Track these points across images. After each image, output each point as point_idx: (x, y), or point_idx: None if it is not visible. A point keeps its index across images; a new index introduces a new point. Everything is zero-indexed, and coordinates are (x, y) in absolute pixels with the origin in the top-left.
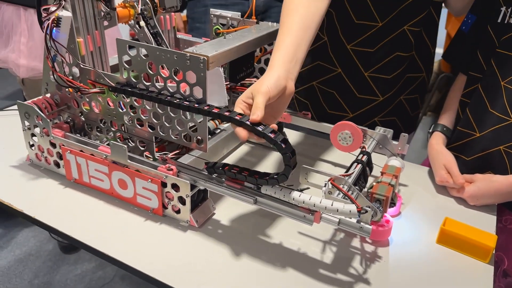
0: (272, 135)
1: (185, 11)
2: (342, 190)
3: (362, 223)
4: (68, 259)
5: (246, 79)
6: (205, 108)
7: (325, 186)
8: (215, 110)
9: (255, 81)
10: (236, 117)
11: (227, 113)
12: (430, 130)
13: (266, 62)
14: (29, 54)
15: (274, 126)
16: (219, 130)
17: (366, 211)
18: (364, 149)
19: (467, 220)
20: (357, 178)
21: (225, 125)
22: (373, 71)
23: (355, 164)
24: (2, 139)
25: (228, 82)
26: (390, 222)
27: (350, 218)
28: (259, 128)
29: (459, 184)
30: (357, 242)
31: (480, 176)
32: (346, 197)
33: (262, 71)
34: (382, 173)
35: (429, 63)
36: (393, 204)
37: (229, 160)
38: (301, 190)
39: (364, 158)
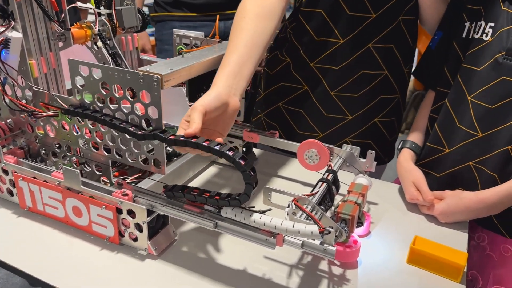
0: (230, 153)
1: (152, 29)
2: (305, 211)
3: (325, 245)
4: None
5: None
6: (149, 133)
7: (288, 207)
8: (171, 137)
9: None
10: (192, 140)
11: (172, 137)
12: (399, 147)
13: None
14: None
15: (219, 139)
16: (184, 152)
17: (329, 232)
18: (330, 167)
19: (438, 238)
20: (322, 198)
21: None
22: (339, 90)
23: (320, 183)
24: None
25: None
26: (357, 243)
27: (313, 239)
28: (216, 148)
29: (428, 201)
30: (325, 265)
31: (449, 193)
32: (309, 218)
33: None
34: (348, 192)
35: (403, 83)
36: (360, 223)
37: (195, 183)
38: (263, 212)
39: (330, 177)
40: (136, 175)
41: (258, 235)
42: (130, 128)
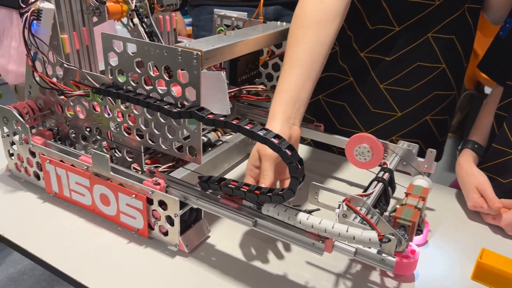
0: (275, 141)
1: (189, 20)
2: (359, 213)
3: (383, 254)
4: None
5: (251, 86)
6: (185, 110)
7: (339, 207)
8: (210, 116)
9: (262, 88)
10: (232, 121)
11: (210, 116)
12: (459, 147)
13: (274, 67)
14: (19, 59)
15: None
16: (220, 142)
17: (389, 240)
18: (385, 166)
19: (505, 251)
20: (377, 200)
21: (228, 137)
22: (390, 82)
23: (375, 182)
24: None
25: (236, 89)
26: (416, 253)
27: (369, 247)
28: (260, 133)
29: (495, 209)
30: (376, 276)
31: None
32: (364, 222)
33: (269, 77)
34: (406, 194)
35: (461, 79)
36: (419, 231)
37: (231, 175)
38: (310, 212)
39: (386, 176)
40: (169, 164)
41: (304, 238)
42: (165, 106)
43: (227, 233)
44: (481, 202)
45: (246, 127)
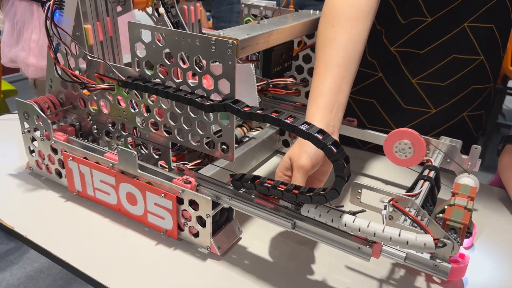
0: (319, 136)
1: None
2: (409, 215)
3: (437, 260)
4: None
5: (280, 79)
6: (219, 103)
7: (385, 209)
8: (246, 109)
9: (291, 81)
10: (271, 115)
11: (246, 108)
12: (501, 144)
13: (305, 58)
14: (39, 52)
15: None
16: (247, 139)
17: (445, 244)
18: (429, 163)
19: None
20: (425, 200)
21: (254, 133)
22: (423, 77)
23: (421, 181)
24: (3, 145)
25: (264, 82)
26: (466, 258)
27: (421, 252)
28: (302, 127)
29: None
30: (422, 282)
31: None
32: (415, 224)
33: (299, 69)
34: (453, 194)
35: (498, 70)
36: (469, 233)
37: (259, 173)
38: (354, 213)
39: (432, 174)
40: (197, 161)
41: (349, 241)
42: (197, 99)
43: (259, 234)
44: None
45: (287, 121)
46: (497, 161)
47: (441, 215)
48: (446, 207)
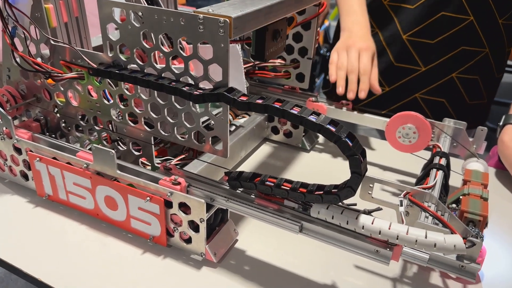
0: (332, 128)
1: None
2: (429, 211)
3: (465, 261)
4: None
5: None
6: (210, 92)
7: (401, 204)
8: (243, 98)
9: (280, 62)
10: (274, 105)
11: (243, 98)
12: (501, 123)
13: (296, 37)
14: None
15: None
16: (234, 127)
17: (473, 244)
18: (438, 149)
19: None
20: (440, 191)
21: (241, 121)
22: (413, 33)
23: (434, 171)
24: None
25: (250, 64)
26: (483, 251)
27: (447, 253)
28: (311, 119)
29: None
30: (437, 278)
31: None
32: (437, 221)
33: (289, 49)
34: (465, 182)
35: (494, 36)
36: (485, 225)
37: (249, 165)
38: (370, 212)
39: (443, 162)
40: (182, 156)
41: (366, 244)
42: (184, 88)
43: (255, 235)
44: None
45: (293, 111)
46: (496, 140)
47: (454, 205)
48: (460, 197)
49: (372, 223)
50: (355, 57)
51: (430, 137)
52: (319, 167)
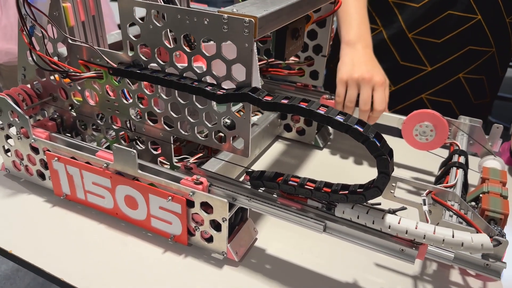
0: (360, 128)
1: None
2: (452, 209)
3: (490, 260)
4: None
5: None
6: (234, 92)
7: (424, 203)
8: (268, 98)
9: (294, 60)
10: (300, 105)
11: (268, 98)
12: None
13: (310, 35)
14: (3, 34)
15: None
16: None
17: (499, 243)
18: (455, 147)
19: None
20: (461, 190)
21: (255, 118)
22: (419, 32)
23: (454, 169)
24: None
25: (263, 61)
26: None
27: (473, 253)
28: (339, 119)
29: None
30: (456, 276)
31: None
32: (461, 220)
33: (304, 46)
34: (483, 180)
35: (502, 35)
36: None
37: (263, 163)
38: (394, 212)
39: (462, 160)
40: (199, 155)
41: (390, 244)
42: (207, 88)
43: (274, 233)
44: None
45: (319, 111)
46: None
47: (473, 203)
48: (480, 195)
49: (399, 223)
50: (368, 95)
51: (447, 135)
52: (333, 164)
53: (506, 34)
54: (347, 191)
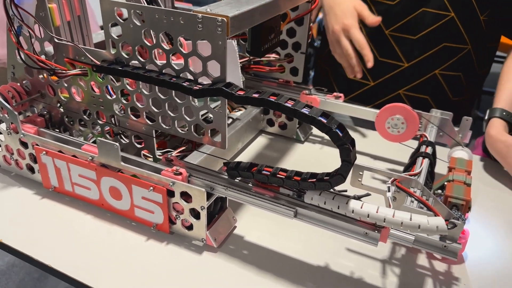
0: (323, 120)
1: None
2: (414, 195)
3: (447, 241)
4: None
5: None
6: (210, 87)
7: (389, 190)
8: (241, 93)
9: (275, 57)
10: (269, 98)
11: (240, 92)
12: (486, 117)
13: (289, 32)
14: None
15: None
16: (231, 120)
17: (455, 225)
18: (424, 138)
19: None
20: (426, 178)
21: (238, 113)
22: (395, 28)
23: (420, 159)
24: None
25: (245, 59)
26: (466, 233)
27: (431, 235)
28: (304, 111)
29: None
30: (423, 259)
31: None
32: (422, 205)
33: (283, 44)
34: (450, 169)
35: (477, 33)
36: (469, 208)
37: (246, 156)
38: (359, 198)
39: (429, 150)
40: (182, 148)
41: (355, 227)
42: (184, 83)
43: (253, 222)
44: None
45: (287, 104)
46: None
47: (439, 191)
48: (445, 183)
49: (361, 207)
50: (346, 43)
51: (418, 127)
52: (313, 157)
53: (481, 32)
54: (315, 179)
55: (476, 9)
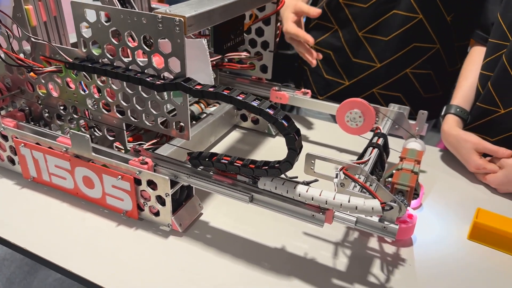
0: (270, 111)
1: None
2: (358, 181)
3: (386, 222)
4: None
5: (234, 53)
6: (170, 82)
7: (336, 177)
8: (198, 87)
9: (245, 55)
10: (223, 92)
11: (198, 87)
12: (442, 114)
13: (258, 32)
14: None
15: None
16: (204, 115)
17: (392, 208)
18: (378, 131)
19: (500, 210)
20: (374, 166)
21: (212, 109)
22: (368, 30)
23: (370, 149)
24: None
25: (219, 56)
26: (413, 218)
27: (371, 216)
28: (254, 104)
29: (508, 155)
30: (374, 242)
31: (509, 161)
32: (364, 190)
33: (252, 42)
34: (401, 159)
35: (444, 33)
36: (416, 195)
37: (218, 149)
38: (308, 183)
39: (380, 141)
40: (153, 141)
41: (303, 210)
42: (147, 79)
43: (220, 209)
44: (484, 163)
45: (238, 97)
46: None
47: (390, 179)
48: (394, 171)
49: (307, 192)
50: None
51: (374, 120)
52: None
53: (449, 31)
54: (267, 167)
55: (442, 11)
